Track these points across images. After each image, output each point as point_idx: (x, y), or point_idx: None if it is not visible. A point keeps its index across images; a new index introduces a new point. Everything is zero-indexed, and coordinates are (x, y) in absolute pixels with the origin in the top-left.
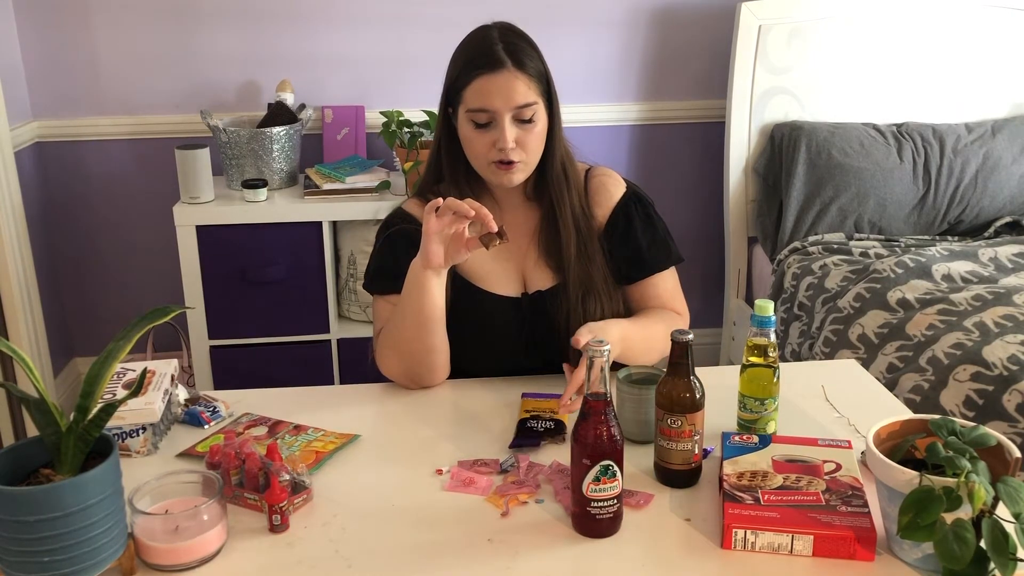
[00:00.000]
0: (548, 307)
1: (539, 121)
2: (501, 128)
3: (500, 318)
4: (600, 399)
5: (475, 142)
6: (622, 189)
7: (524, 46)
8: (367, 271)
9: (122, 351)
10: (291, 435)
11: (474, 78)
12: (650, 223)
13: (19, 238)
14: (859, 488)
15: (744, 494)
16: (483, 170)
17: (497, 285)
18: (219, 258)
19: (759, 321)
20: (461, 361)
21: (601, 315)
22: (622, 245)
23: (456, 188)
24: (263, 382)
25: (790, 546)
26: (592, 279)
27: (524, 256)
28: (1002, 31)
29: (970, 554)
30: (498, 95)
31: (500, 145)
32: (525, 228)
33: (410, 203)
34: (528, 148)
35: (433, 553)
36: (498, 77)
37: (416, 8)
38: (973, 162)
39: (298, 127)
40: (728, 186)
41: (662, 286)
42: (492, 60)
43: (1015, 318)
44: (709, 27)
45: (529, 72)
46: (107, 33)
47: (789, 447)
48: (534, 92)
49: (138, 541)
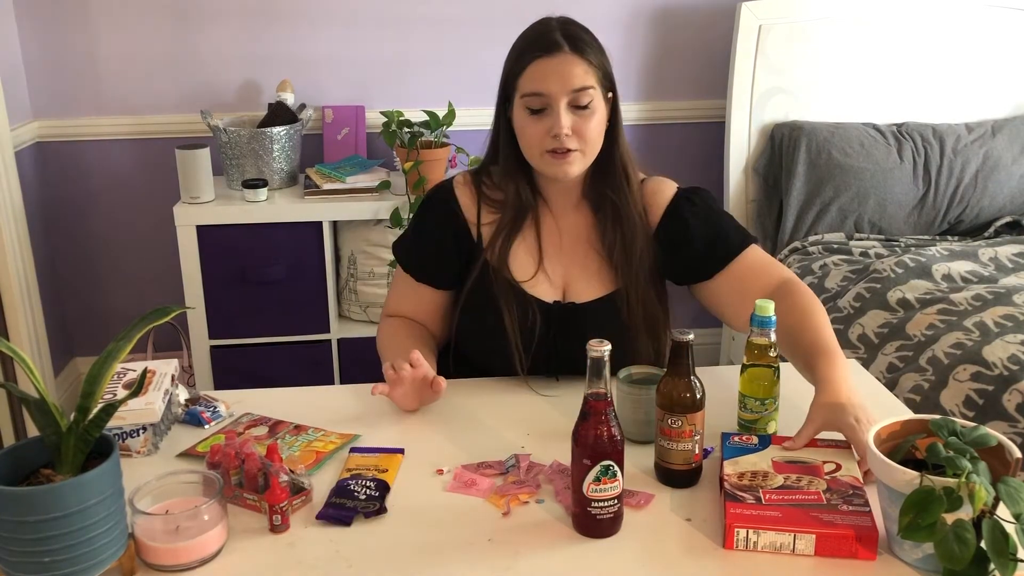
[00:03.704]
0: (582, 320)
1: (597, 110)
2: (556, 113)
3: (528, 320)
4: (600, 399)
5: (529, 129)
6: (673, 189)
7: (584, 35)
8: (401, 235)
9: (122, 351)
10: (291, 435)
11: (530, 62)
12: (711, 213)
13: (19, 238)
14: (860, 487)
15: (745, 494)
16: (537, 161)
17: (536, 287)
18: (219, 258)
19: (759, 321)
20: (477, 353)
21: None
22: (685, 245)
23: (513, 183)
24: (263, 382)
25: (792, 545)
26: (648, 283)
27: (573, 261)
28: (1002, 31)
29: (970, 554)
30: (554, 77)
31: (555, 131)
32: (578, 232)
33: (459, 182)
34: (585, 137)
35: (433, 553)
36: (554, 60)
37: (416, 8)
38: (973, 162)
39: (298, 127)
40: (728, 186)
41: (756, 261)
42: (549, 43)
43: (1015, 318)
44: (709, 27)
45: (588, 57)
46: (107, 33)
47: (786, 451)
48: (592, 77)
49: (138, 541)
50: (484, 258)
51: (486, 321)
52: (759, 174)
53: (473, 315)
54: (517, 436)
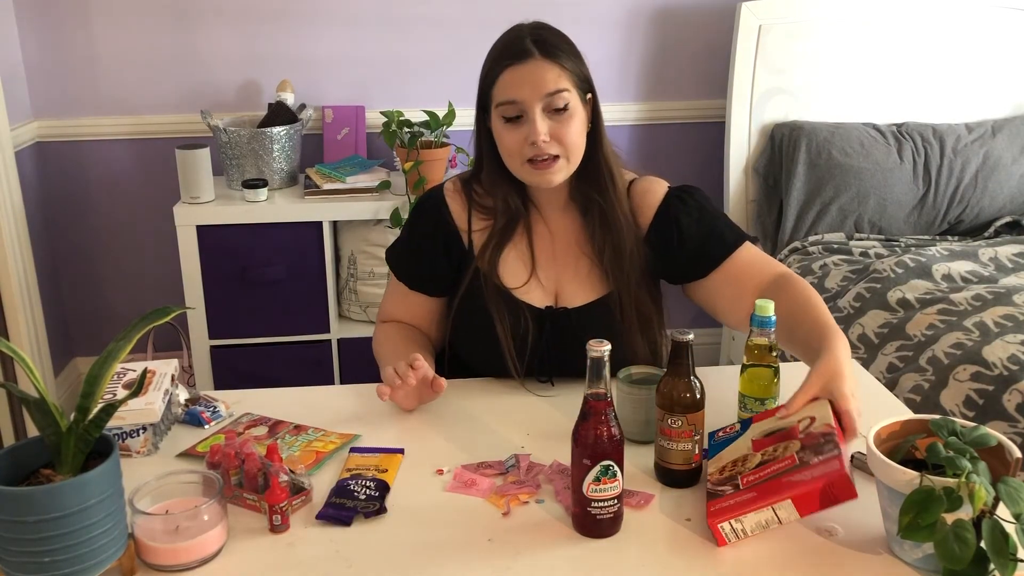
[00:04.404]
0: (575, 325)
1: (575, 113)
2: (532, 120)
3: (520, 326)
4: (600, 399)
5: (506, 138)
6: (664, 189)
7: (554, 39)
8: (395, 240)
9: (122, 351)
10: (291, 435)
11: (501, 71)
12: (704, 212)
13: (19, 238)
14: (830, 432)
15: (725, 487)
16: (519, 171)
17: (528, 293)
18: (219, 258)
19: (759, 321)
20: (472, 358)
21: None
22: (677, 245)
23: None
24: (263, 382)
25: (775, 517)
26: (640, 284)
27: (564, 266)
28: (1002, 31)
29: (970, 554)
30: (526, 84)
31: (532, 139)
32: (568, 236)
33: (450, 188)
34: (565, 141)
35: (433, 553)
36: (525, 66)
37: (416, 8)
38: (973, 162)
39: (298, 127)
40: (728, 186)
41: (751, 258)
42: (519, 51)
43: (1015, 318)
44: (709, 27)
45: (560, 61)
46: (107, 33)
47: (767, 422)
48: (565, 80)
49: (138, 541)
50: (476, 266)
51: (479, 328)
52: (759, 174)
53: (466, 322)
54: (517, 436)
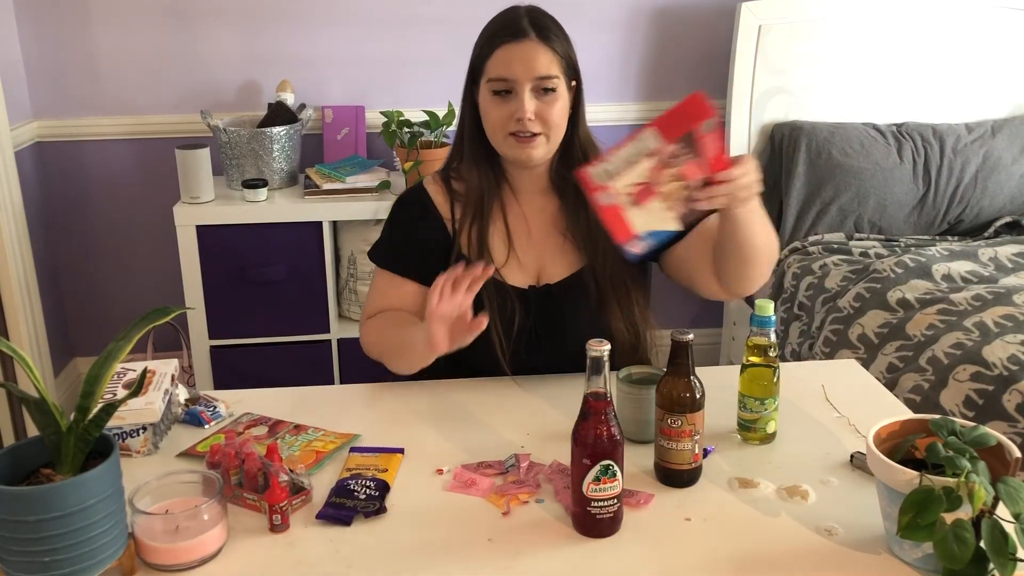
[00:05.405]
0: (558, 301)
1: (560, 96)
2: (520, 98)
3: (507, 308)
4: (600, 399)
5: (493, 112)
6: None
7: (549, 23)
8: (376, 240)
9: (122, 351)
10: (291, 435)
11: (497, 47)
12: None
13: (19, 238)
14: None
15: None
16: (501, 145)
17: (509, 274)
18: (219, 258)
19: (759, 321)
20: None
21: (628, 299)
22: None
23: (477, 168)
24: (263, 382)
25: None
26: (617, 260)
27: (543, 245)
28: (1002, 31)
29: (970, 554)
30: (519, 63)
31: (518, 115)
32: (544, 217)
33: (430, 181)
34: (548, 122)
35: (433, 553)
36: (521, 46)
37: (416, 8)
38: (973, 162)
39: (298, 127)
40: None
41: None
42: (516, 30)
43: (1015, 318)
44: (709, 27)
45: (553, 47)
46: (107, 33)
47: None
48: (556, 66)
49: (138, 541)
50: (459, 252)
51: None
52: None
53: None
54: (517, 436)
